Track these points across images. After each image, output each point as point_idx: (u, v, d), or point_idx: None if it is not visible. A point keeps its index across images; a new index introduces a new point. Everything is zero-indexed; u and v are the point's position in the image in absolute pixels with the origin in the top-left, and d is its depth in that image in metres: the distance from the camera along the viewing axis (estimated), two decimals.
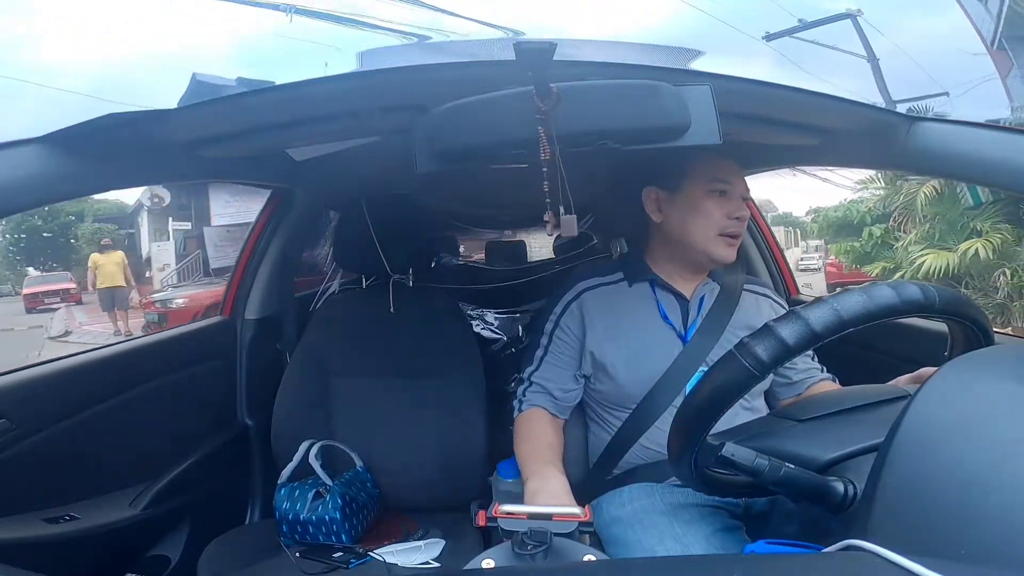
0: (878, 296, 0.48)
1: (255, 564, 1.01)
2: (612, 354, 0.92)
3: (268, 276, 1.43)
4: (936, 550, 0.32)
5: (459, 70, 0.73)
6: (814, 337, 0.47)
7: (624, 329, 0.93)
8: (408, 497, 1.21)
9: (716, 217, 0.91)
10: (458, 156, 0.67)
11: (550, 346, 0.98)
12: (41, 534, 0.83)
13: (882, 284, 0.50)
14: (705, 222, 0.91)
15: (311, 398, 1.24)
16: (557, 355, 0.97)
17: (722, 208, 0.91)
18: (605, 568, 0.45)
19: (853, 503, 0.48)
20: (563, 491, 0.79)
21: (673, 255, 0.96)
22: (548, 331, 0.98)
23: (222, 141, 0.81)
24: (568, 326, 0.97)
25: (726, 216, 0.91)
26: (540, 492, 0.79)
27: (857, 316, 0.47)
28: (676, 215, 0.93)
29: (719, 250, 0.91)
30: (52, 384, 0.93)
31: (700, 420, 0.53)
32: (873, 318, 0.48)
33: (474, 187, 1.62)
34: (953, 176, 0.76)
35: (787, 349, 0.48)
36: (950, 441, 0.37)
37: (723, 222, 0.91)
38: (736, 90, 0.72)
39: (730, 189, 0.92)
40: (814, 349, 0.70)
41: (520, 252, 3.00)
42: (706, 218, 0.91)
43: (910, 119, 0.76)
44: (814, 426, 0.57)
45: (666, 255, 0.96)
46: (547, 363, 0.98)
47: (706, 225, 0.91)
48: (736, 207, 0.92)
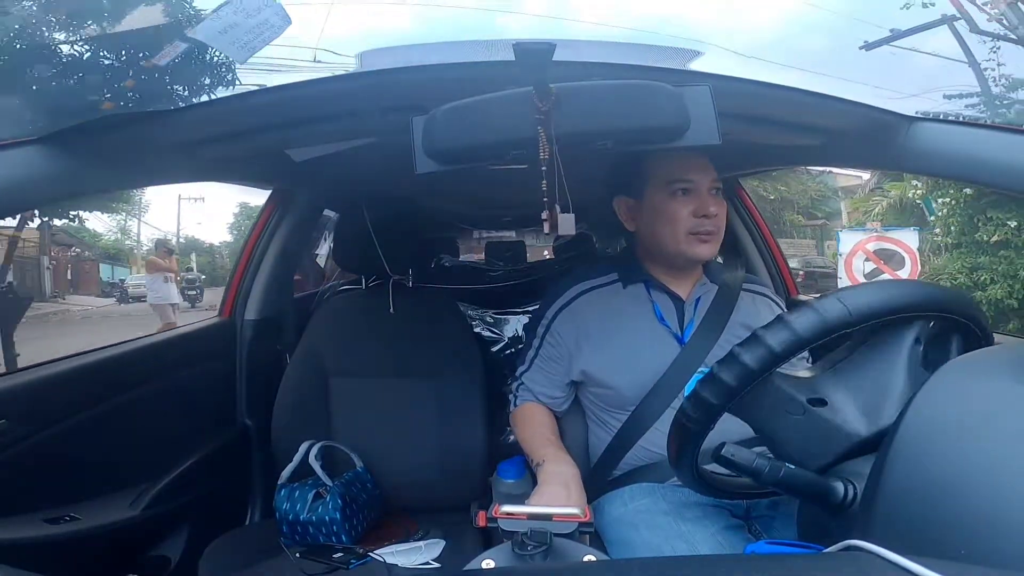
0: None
1: (255, 564, 1.01)
2: (607, 358, 0.92)
3: (268, 276, 1.43)
4: (936, 550, 0.32)
5: (459, 70, 0.73)
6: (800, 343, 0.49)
7: (619, 332, 0.93)
8: (408, 497, 1.21)
9: (682, 218, 0.88)
10: (458, 156, 0.67)
11: (540, 350, 0.98)
12: (41, 534, 0.83)
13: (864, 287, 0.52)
14: (672, 225, 0.89)
15: (311, 398, 1.24)
16: (546, 361, 0.98)
17: (687, 207, 0.88)
18: (605, 568, 0.45)
19: (853, 503, 0.48)
20: (577, 474, 0.84)
21: (656, 259, 0.96)
22: (540, 334, 0.99)
23: (222, 141, 0.81)
24: (559, 332, 0.97)
25: (692, 215, 0.88)
26: (559, 474, 0.82)
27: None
28: (645, 221, 0.93)
29: (693, 249, 0.89)
30: (53, 384, 0.93)
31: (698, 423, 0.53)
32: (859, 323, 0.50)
33: (474, 187, 1.62)
34: (952, 176, 0.76)
35: (775, 356, 0.50)
36: (950, 441, 0.37)
37: (690, 222, 0.88)
38: (735, 90, 0.72)
39: (693, 186, 0.89)
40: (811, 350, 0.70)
41: (520, 252, 3.00)
42: (671, 221, 0.89)
43: (909, 119, 0.76)
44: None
45: (651, 259, 0.96)
46: (536, 367, 0.99)
47: (673, 228, 0.89)
48: (702, 204, 0.88)
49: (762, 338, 0.50)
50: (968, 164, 0.71)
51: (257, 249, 1.42)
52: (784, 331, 0.50)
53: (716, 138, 0.64)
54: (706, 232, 0.89)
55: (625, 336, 0.92)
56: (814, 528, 0.53)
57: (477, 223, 2.67)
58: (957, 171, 0.73)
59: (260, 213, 1.44)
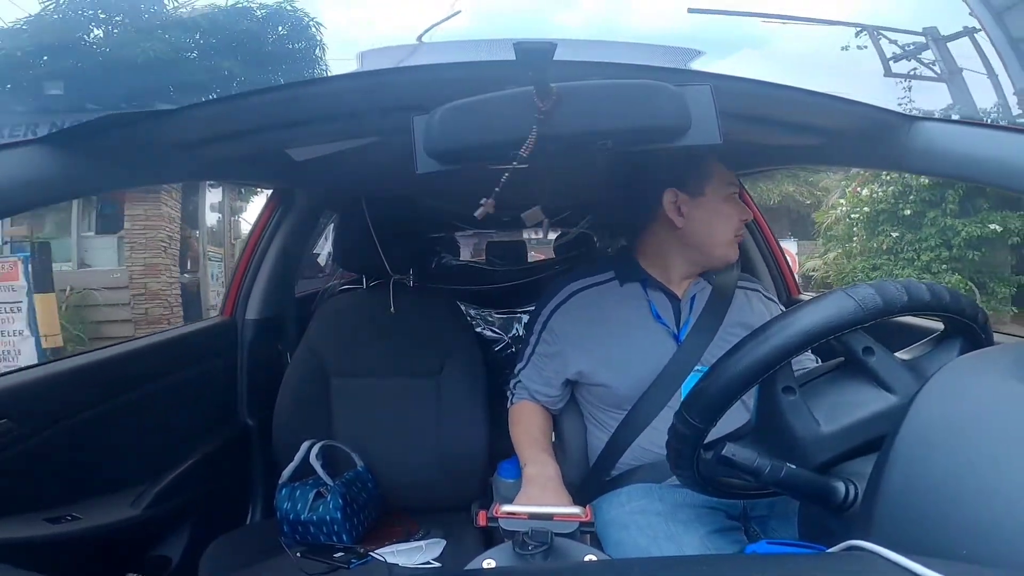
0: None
1: (256, 564, 1.01)
2: (603, 356, 0.92)
3: (269, 276, 1.44)
4: (937, 550, 0.32)
5: (459, 70, 0.73)
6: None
7: (615, 330, 0.93)
8: (409, 497, 1.21)
9: (735, 220, 0.94)
10: (459, 156, 0.67)
11: (537, 347, 0.99)
12: (42, 534, 0.83)
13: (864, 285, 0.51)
14: (727, 225, 0.94)
15: (312, 398, 1.24)
16: (542, 359, 0.98)
17: (737, 211, 0.95)
18: (606, 568, 0.45)
19: (854, 504, 0.48)
20: (557, 477, 0.87)
21: (681, 256, 0.95)
22: (536, 331, 0.99)
23: (222, 141, 0.81)
24: (555, 330, 0.97)
25: (739, 219, 0.95)
26: (538, 477, 0.86)
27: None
28: (700, 218, 0.93)
29: (733, 251, 0.95)
30: (54, 384, 0.93)
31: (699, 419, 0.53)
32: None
33: (474, 187, 1.62)
34: (953, 176, 0.76)
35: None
36: (951, 441, 0.36)
37: (738, 224, 0.95)
38: (736, 90, 0.72)
39: (738, 192, 0.96)
40: (814, 350, 0.70)
41: (520, 252, 3.00)
42: (727, 222, 0.94)
43: (910, 119, 0.76)
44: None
45: (666, 255, 0.96)
46: (533, 365, 1.00)
47: (727, 228, 0.94)
48: (743, 210, 0.96)
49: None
50: (969, 164, 0.71)
51: (258, 249, 1.43)
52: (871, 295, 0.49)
53: (717, 138, 0.64)
54: (738, 236, 0.95)
55: (621, 334, 0.92)
56: (815, 528, 0.53)
57: (477, 223, 2.66)
58: (958, 171, 0.73)
59: (261, 213, 1.44)
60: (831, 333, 0.49)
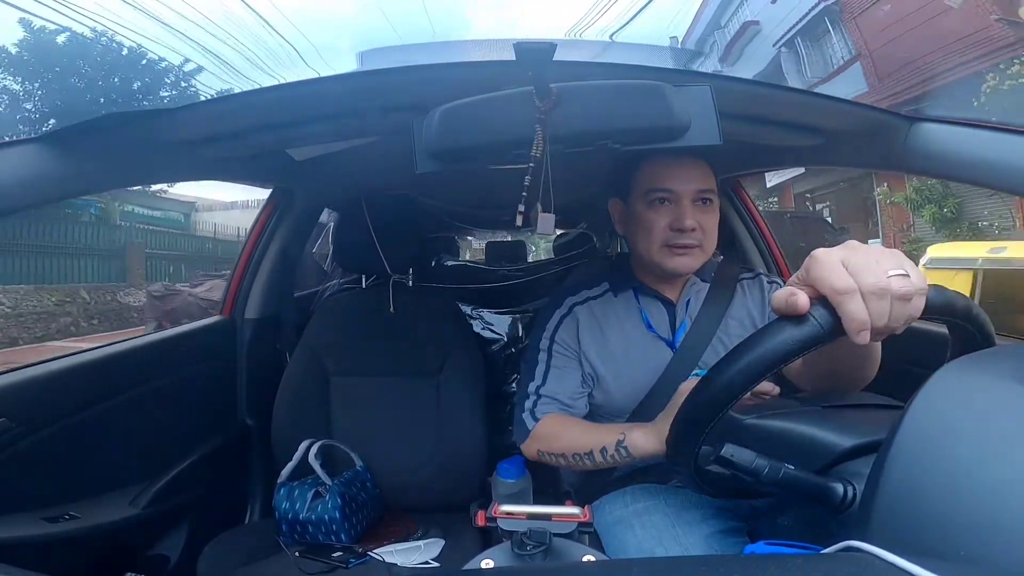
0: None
1: (254, 563, 1.01)
2: (602, 368, 0.92)
3: (268, 276, 1.43)
4: (936, 551, 0.32)
5: (459, 70, 0.73)
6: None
7: (611, 342, 0.92)
8: (408, 497, 1.21)
9: (657, 228, 0.85)
10: (458, 156, 0.67)
11: (551, 360, 0.94)
12: (41, 533, 0.83)
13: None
14: (647, 236, 0.86)
15: (311, 398, 1.24)
16: (561, 366, 0.94)
17: (664, 218, 0.85)
18: (605, 568, 0.45)
19: (852, 504, 0.48)
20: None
21: (641, 265, 0.94)
22: (545, 347, 0.96)
23: (222, 140, 0.81)
24: (564, 340, 0.95)
25: (668, 227, 0.84)
26: (652, 429, 0.77)
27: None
28: (629, 228, 0.91)
29: (668, 261, 0.85)
30: (52, 384, 0.93)
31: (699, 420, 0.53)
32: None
33: (474, 187, 1.62)
34: (953, 177, 0.76)
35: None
36: (950, 442, 0.36)
37: (665, 234, 0.84)
38: (736, 91, 0.72)
39: (673, 196, 0.85)
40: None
41: (520, 252, 3.00)
42: (647, 231, 0.86)
43: (910, 120, 0.76)
44: (837, 413, 0.57)
45: (640, 263, 0.95)
46: (553, 375, 0.94)
47: (648, 239, 0.86)
48: (679, 216, 0.84)
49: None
50: (969, 165, 0.71)
51: (257, 248, 1.42)
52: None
53: (717, 138, 0.64)
54: (682, 245, 0.85)
55: (617, 347, 0.92)
56: (814, 528, 0.53)
57: (477, 223, 2.66)
58: (958, 172, 0.73)
59: (260, 212, 1.44)
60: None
